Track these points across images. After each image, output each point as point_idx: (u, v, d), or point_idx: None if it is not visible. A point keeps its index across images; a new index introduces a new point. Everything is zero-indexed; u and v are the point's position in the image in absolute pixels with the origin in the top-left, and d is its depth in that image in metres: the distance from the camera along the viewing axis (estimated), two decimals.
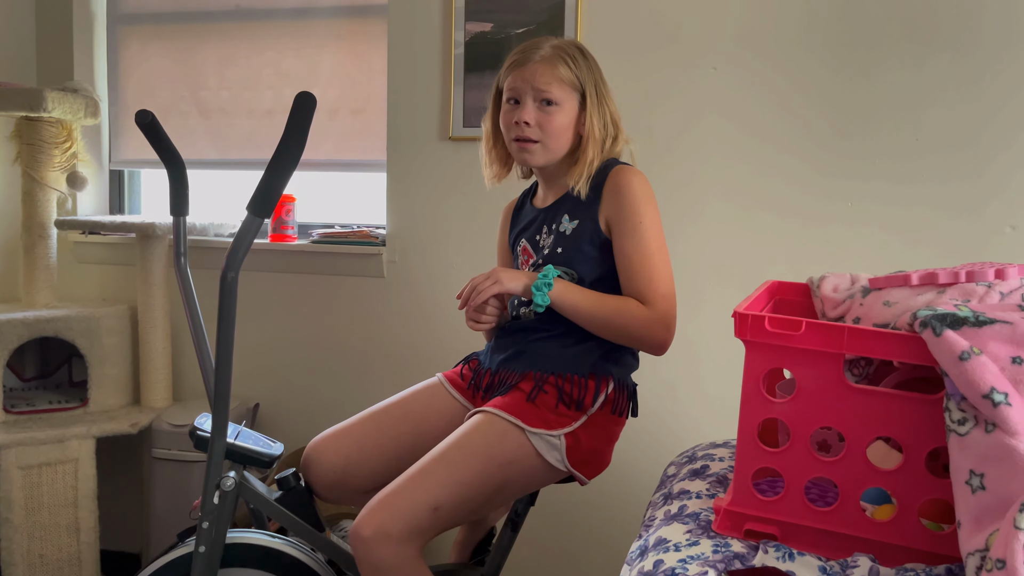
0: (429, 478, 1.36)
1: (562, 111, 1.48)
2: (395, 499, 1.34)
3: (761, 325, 0.99)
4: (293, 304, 2.45)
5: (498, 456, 1.40)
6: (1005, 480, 0.80)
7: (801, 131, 2.04)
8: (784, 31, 2.03)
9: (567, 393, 1.45)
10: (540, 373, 1.48)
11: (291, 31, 2.45)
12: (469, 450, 1.39)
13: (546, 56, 1.47)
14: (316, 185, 2.57)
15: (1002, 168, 1.93)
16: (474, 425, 1.43)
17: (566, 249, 1.51)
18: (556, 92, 1.46)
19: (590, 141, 1.49)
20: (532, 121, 1.47)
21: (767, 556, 0.98)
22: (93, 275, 2.59)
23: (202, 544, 1.40)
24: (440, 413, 1.60)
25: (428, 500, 1.34)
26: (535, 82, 1.46)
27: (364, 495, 1.61)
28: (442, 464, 1.37)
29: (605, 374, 1.49)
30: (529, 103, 1.47)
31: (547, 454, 1.42)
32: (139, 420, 2.29)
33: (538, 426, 1.42)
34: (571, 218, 1.52)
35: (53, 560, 2.18)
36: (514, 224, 1.68)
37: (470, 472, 1.37)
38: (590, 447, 1.47)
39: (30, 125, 2.32)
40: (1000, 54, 1.91)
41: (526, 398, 1.45)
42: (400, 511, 1.32)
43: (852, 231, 2.02)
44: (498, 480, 1.41)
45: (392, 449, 1.57)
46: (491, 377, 1.56)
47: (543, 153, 1.50)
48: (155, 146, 1.56)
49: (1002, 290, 1.01)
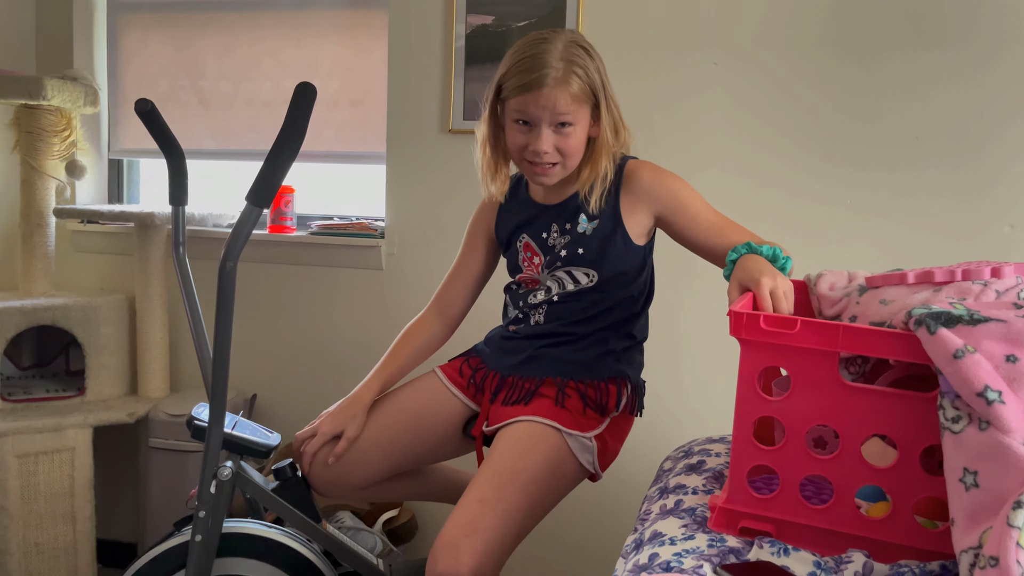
0: (508, 507, 1.32)
1: (578, 128, 1.40)
2: (487, 535, 1.28)
3: (756, 323, 0.99)
4: (291, 295, 2.45)
5: (559, 469, 1.41)
6: (999, 478, 0.80)
7: (799, 130, 2.03)
8: (784, 25, 2.02)
9: (591, 399, 1.46)
10: (560, 379, 1.48)
11: (291, 21, 2.44)
12: (535, 471, 1.37)
13: (559, 77, 1.35)
14: (315, 176, 2.57)
15: (1002, 167, 1.93)
16: (526, 440, 1.40)
17: (588, 250, 1.47)
18: (572, 113, 1.38)
19: (603, 150, 1.43)
20: (550, 148, 1.39)
21: (762, 551, 0.99)
22: (91, 264, 2.59)
23: (198, 534, 1.41)
24: (438, 411, 1.58)
25: (513, 532, 1.32)
26: (553, 109, 1.36)
27: (360, 491, 1.61)
28: (515, 489, 1.34)
29: (623, 377, 1.49)
30: (546, 130, 1.38)
31: (581, 456, 1.43)
32: (136, 410, 2.29)
33: (574, 428, 1.43)
34: (589, 219, 1.47)
35: (49, 549, 2.18)
36: (506, 214, 1.59)
37: (539, 491, 1.37)
38: (612, 448, 1.50)
39: (29, 113, 2.31)
40: (1001, 49, 1.91)
41: (554, 402, 1.44)
42: (494, 549, 1.29)
43: (850, 230, 2.02)
44: (557, 491, 1.43)
45: (388, 448, 1.56)
46: (500, 381, 1.53)
47: (561, 173, 1.44)
48: (154, 135, 1.56)
49: (998, 288, 1.01)
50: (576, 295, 1.49)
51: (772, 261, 1.22)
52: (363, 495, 1.64)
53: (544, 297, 1.52)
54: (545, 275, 1.53)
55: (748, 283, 1.15)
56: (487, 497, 1.32)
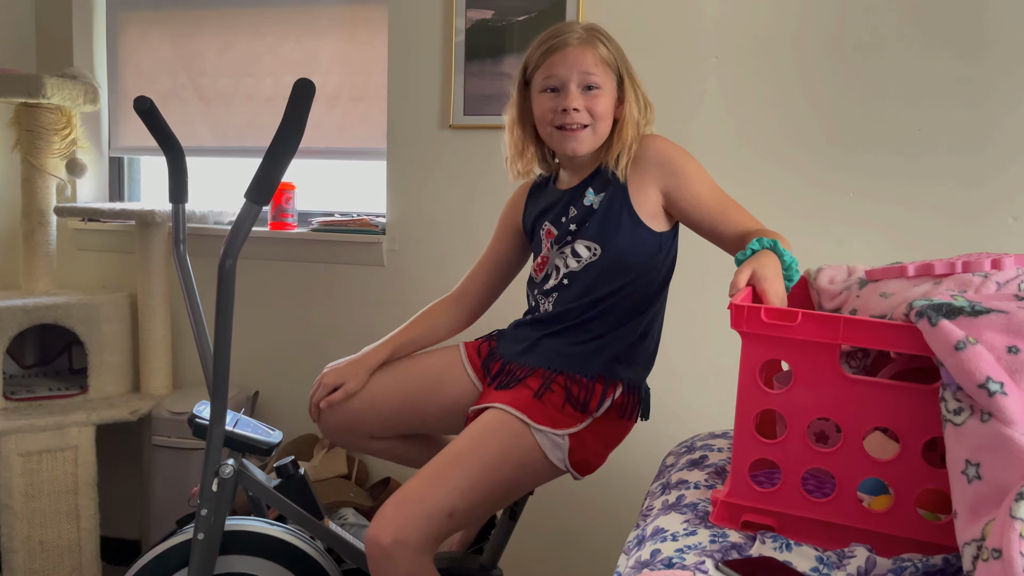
0: (444, 483, 1.34)
1: (605, 94, 1.42)
2: (413, 507, 1.32)
3: (757, 316, 0.99)
4: (292, 292, 2.45)
5: (512, 458, 1.39)
6: (1001, 469, 0.80)
7: (801, 122, 2.03)
8: (786, 21, 2.02)
9: (574, 396, 1.43)
10: (549, 371, 1.46)
11: (291, 17, 2.44)
12: (483, 453, 1.38)
13: (584, 38, 1.41)
14: (316, 173, 2.57)
15: (1005, 159, 1.92)
16: (486, 425, 1.41)
17: (592, 222, 1.47)
18: (599, 75, 1.41)
19: (628, 122, 1.44)
20: (581, 107, 1.41)
21: (764, 546, 0.99)
22: (92, 262, 2.59)
23: (201, 531, 1.41)
24: (451, 383, 1.59)
25: (444, 506, 1.33)
26: (580, 67, 1.40)
27: (370, 441, 1.62)
28: (457, 468, 1.36)
29: (614, 377, 1.46)
30: (574, 89, 1.41)
31: (550, 453, 1.41)
32: (139, 407, 2.29)
33: (544, 423, 1.41)
34: (596, 192, 1.48)
35: (53, 547, 2.19)
36: (533, 204, 1.61)
37: (484, 476, 1.37)
38: (593, 449, 1.46)
39: (29, 111, 2.31)
40: (1002, 39, 1.90)
41: (533, 394, 1.44)
42: (418, 519, 1.31)
43: (852, 224, 2.02)
44: (511, 482, 1.41)
45: (400, 404, 1.58)
46: (501, 366, 1.54)
47: (591, 138, 1.44)
48: (154, 133, 1.55)
49: (998, 280, 1.01)
50: (582, 275, 1.48)
51: (785, 270, 1.22)
52: (373, 448, 1.64)
53: (554, 282, 1.52)
54: (554, 252, 1.52)
55: (756, 277, 1.15)
56: (427, 473, 1.36)
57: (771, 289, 1.13)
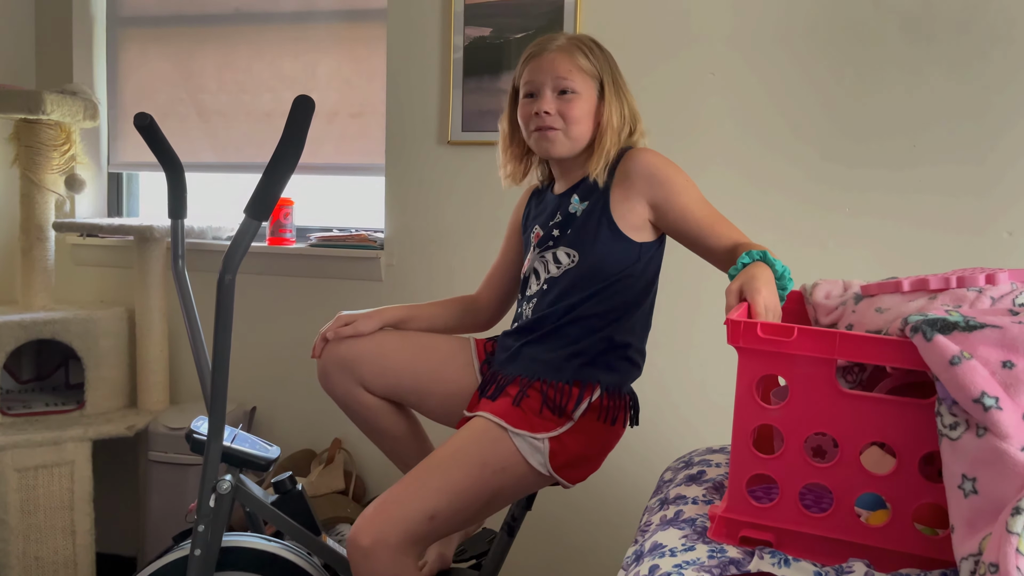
0: (425, 486, 1.36)
1: (581, 99, 1.46)
2: (392, 508, 1.34)
3: (753, 331, 0.99)
4: (291, 307, 2.45)
5: (491, 463, 1.40)
6: (997, 483, 0.80)
7: (798, 137, 2.04)
8: (782, 35, 2.03)
9: (550, 399, 1.44)
10: (526, 379, 1.48)
11: (290, 34, 2.46)
12: (463, 458, 1.39)
13: (563, 46, 1.47)
14: (315, 189, 2.58)
15: (1001, 172, 1.94)
16: (468, 432, 1.43)
17: (573, 230, 1.49)
18: (575, 81, 1.45)
19: (608, 130, 1.47)
20: (552, 110, 1.45)
21: (763, 562, 0.99)
22: (91, 277, 2.59)
23: (197, 547, 1.40)
24: (456, 368, 1.60)
25: (425, 508, 1.34)
26: (554, 72, 1.45)
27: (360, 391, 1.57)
28: (438, 472, 1.37)
29: (591, 380, 1.47)
30: (548, 93, 1.46)
31: (530, 457, 1.41)
32: (135, 423, 2.29)
33: (522, 427, 1.41)
34: (580, 199, 1.51)
35: (49, 563, 2.17)
36: (531, 208, 1.66)
37: (465, 480, 1.37)
38: (577, 453, 1.45)
39: (29, 127, 2.32)
40: (998, 50, 1.92)
41: (512, 402, 1.45)
42: (397, 520, 1.33)
43: (847, 239, 2.03)
44: (492, 487, 1.40)
45: (403, 366, 1.57)
46: (490, 375, 1.56)
47: (564, 142, 1.48)
48: (153, 149, 1.56)
49: (993, 295, 1.01)
50: (560, 280, 1.50)
51: (778, 279, 1.23)
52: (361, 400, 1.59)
53: (535, 288, 1.54)
54: (535, 256, 1.55)
55: (747, 291, 1.15)
56: (409, 478, 1.37)
57: (762, 301, 1.13)
